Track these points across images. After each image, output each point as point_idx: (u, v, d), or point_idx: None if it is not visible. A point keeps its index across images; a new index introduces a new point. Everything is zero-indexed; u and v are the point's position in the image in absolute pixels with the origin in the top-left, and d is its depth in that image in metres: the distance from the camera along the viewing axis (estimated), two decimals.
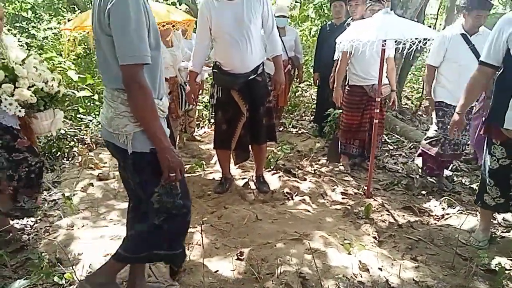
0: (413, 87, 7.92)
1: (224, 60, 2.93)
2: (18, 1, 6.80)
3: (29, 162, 2.31)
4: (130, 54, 1.42)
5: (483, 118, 2.50)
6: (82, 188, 3.34)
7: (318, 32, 5.01)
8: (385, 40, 2.91)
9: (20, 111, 2.16)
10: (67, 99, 2.32)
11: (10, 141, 2.24)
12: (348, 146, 3.83)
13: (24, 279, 1.90)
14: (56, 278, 2.07)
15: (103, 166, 3.86)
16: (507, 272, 2.19)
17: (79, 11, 7.90)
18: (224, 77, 2.96)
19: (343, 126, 3.79)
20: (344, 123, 3.77)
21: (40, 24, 6.71)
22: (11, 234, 2.51)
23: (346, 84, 3.70)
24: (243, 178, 3.49)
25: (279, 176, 3.51)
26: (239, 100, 2.99)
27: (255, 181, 3.37)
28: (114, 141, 1.58)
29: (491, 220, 2.66)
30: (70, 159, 3.98)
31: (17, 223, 2.69)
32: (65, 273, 2.09)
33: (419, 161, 3.71)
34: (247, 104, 3.01)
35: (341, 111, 3.93)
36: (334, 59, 3.47)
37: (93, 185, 3.38)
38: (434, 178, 3.59)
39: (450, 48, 3.15)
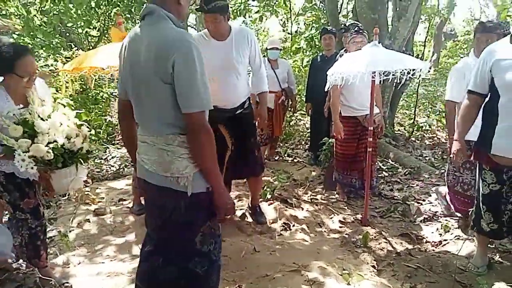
0: (405, 113, 8.05)
1: (211, 96, 2.99)
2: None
3: (29, 225, 2.26)
4: (198, 103, 1.47)
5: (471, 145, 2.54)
6: (78, 224, 3.33)
7: (310, 63, 5.15)
8: (374, 72, 3.01)
9: (32, 168, 2.04)
10: (90, 155, 2.23)
11: (17, 199, 2.21)
12: (346, 176, 3.84)
13: None
14: None
15: (99, 201, 3.85)
16: None
17: (76, 48, 8.08)
18: (211, 112, 3.01)
19: (338, 157, 3.82)
20: (339, 154, 3.79)
21: (38, 62, 6.84)
22: (6, 274, 2.47)
23: (339, 115, 3.75)
24: (240, 209, 3.50)
25: (275, 207, 3.52)
26: (226, 134, 3.04)
27: (251, 212, 3.37)
28: (171, 185, 1.54)
29: (488, 245, 2.66)
30: (66, 194, 3.97)
31: (13, 262, 2.66)
32: None
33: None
34: (233, 137, 3.05)
35: (334, 140, 3.99)
36: (326, 90, 3.56)
37: (89, 221, 3.37)
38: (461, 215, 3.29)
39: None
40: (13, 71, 2.05)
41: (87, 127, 2.27)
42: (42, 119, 2.12)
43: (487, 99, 2.30)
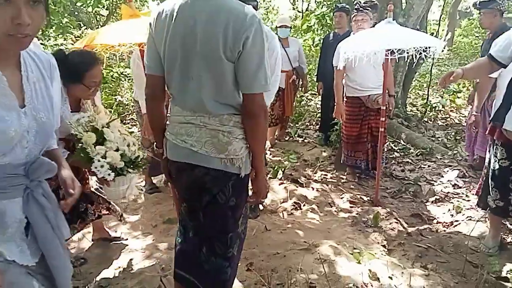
0: (418, 93, 7.93)
1: None
2: None
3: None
4: (263, 83, 1.40)
5: (488, 119, 2.54)
6: None
7: (322, 42, 5.06)
8: (388, 50, 2.94)
9: (109, 174, 2.06)
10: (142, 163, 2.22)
11: None
12: (351, 158, 3.82)
13: None
14: None
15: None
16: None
17: (85, 27, 8.07)
18: None
19: (344, 138, 3.81)
20: (344, 134, 3.78)
21: (47, 41, 6.83)
22: None
23: (343, 96, 3.72)
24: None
25: (285, 186, 3.53)
26: None
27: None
28: (221, 167, 1.47)
29: (501, 226, 2.65)
30: None
31: None
32: (77, 286, 2.12)
33: None
34: None
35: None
36: (334, 66, 3.52)
37: None
38: None
39: None
40: (82, 82, 2.02)
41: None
42: (103, 127, 2.13)
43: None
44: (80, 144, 2.01)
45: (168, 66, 1.47)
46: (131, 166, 2.13)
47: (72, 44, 6.48)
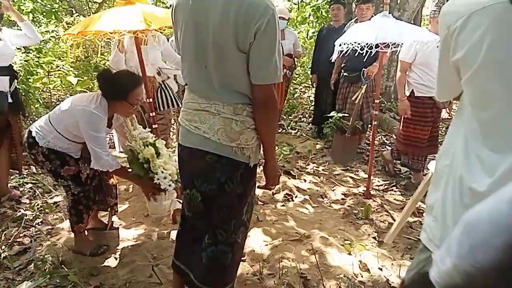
0: None
1: None
2: (18, 6, 6.82)
3: (72, 192, 2.30)
4: (273, 75, 1.39)
5: None
6: None
7: (316, 34, 5.04)
8: (384, 43, 2.94)
9: (170, 185, 2.20)
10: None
11: (57, 168, 2.23)
12: (416, 162, 3.52)
13: (30, 281, 1.92)
14: (59, 280, 2.09)
15: None
16: None
17: (76, 14, 7.92)
18: None
19: (407, 140, 3.45)
20: (412, 137, 3.41)
21: (38, 28, 6.71)
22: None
23: (409, 95, 3.35)
24: None
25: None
26: None
27: None
28: (233, 156, 1.48)
29: None
30: None
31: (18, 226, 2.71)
32: (68, 274, 2.11)
33: None
34: None
35: (342, 114, 3.97)
36: (332, 60, 3.49)
37: None
38: None
39: None
40: (126, 99, 2.15)
41: None
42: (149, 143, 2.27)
43: None
44: (138, 159, 2.18)
45: (184, 54, 1.50)
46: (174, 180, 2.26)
47: (64, 31, 6.38)
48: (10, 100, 2.93)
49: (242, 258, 2.30)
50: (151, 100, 2.76)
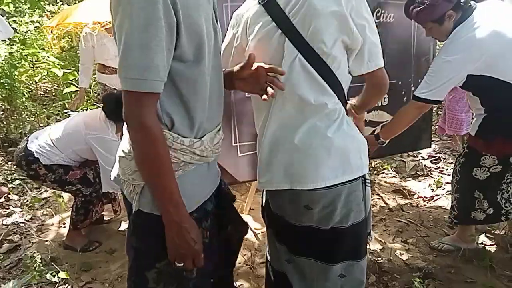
0: None
1: None
2: None
3: (83, 193, 2.29)
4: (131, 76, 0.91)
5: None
6: None
7: None
8: None
9: None
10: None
11: (62, 175, 2.21)
12: None
13: (18, 279, 1.91)
14: (49, 276, 2.08)
15: None
16: (488, 248, 2.27)
17: (61, 2, 7.72)
18: None
19: None
20: None
21: (22, 18, 6.54)
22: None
23: None
24: None
25: None
26: None
27: None
28: (121, 187, 1.10)
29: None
30: None
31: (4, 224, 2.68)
32: (59, 271, 2.10)
33: None
34: None
35: None
36: None
37: None
38: None
39: None
40: None
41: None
42: None
43: None
44: None
45: None
46: None
47: (48, 19, 6.24)
48: None
49: None
50: None
